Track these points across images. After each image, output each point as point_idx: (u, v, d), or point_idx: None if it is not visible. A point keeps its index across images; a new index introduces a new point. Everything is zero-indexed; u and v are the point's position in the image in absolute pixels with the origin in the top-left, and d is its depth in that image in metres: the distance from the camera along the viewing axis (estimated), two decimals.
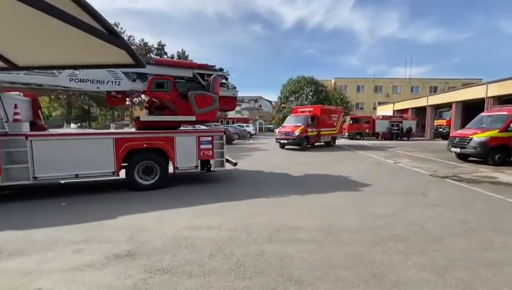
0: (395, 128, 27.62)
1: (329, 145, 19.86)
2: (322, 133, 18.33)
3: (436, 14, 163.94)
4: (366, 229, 4.18)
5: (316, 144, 18.74)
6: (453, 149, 11.74)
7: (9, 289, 2.70)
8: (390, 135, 27.63)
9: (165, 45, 36.96)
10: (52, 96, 29.41)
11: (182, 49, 47.61)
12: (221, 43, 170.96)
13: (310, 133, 17.35)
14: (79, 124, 36.48)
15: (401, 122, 28.47)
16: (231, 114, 71.29)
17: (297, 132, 16.82)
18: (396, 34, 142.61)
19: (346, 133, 29.19)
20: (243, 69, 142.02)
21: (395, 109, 37.43)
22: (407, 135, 27.63)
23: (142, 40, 33.77)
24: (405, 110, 34.93)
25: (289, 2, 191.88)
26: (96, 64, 1.64)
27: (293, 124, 17.66)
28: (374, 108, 46.17)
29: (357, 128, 29.23)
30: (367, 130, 29.24)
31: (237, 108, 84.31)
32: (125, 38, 28.83)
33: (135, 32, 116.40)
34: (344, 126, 31.13)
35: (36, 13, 1.06)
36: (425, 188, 6.89)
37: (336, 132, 20.18)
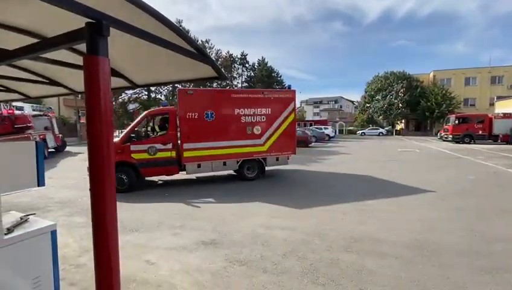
0: None
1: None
2: (197, 153, 7.46)
3: None
4: (473, 252, 3.43)
5: (198, 175, 8.48)
6: None
7: (127, 257, 3.48)
8: None
9: (247, 55, 39.90)
10: None
11: (262, 57, 50.13)
12: (300, 45, 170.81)
13: (137, 156, 7.02)
14: None
15: None
16: (309, 116, 70.57)
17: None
18: None
19: (450, 136, 24.35)
20: (323, 70, 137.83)
21: None
22: None
23: (228, 52, 37.47)
24: None
25: None
26: (191, 79, 1.99)
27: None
28: (491, 104, 36.74)
29: (466, 129, 23.93)
30: (480, 132, 23.59)
31: (315, 110, 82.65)
32: (214, 52, 32.75)
33: (222, 46, 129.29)
34: (447, 127, 26.11)
35: (149, 44, 1.39)
36: None
37: (265, 147, 8.20)
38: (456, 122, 24.43)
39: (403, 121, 44.27)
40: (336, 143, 25.92)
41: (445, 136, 25.47)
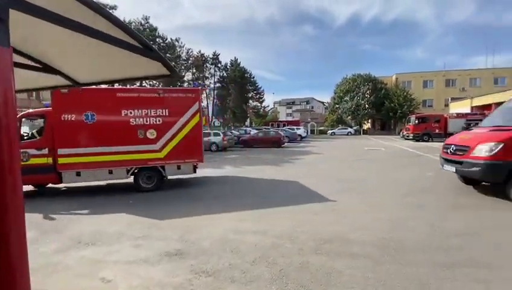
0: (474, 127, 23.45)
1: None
2: (75, 160, 6.73)
3: None
4: (434, 248, 3.58)
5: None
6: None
7: (80, 275, 3.12)
8: None
9: (219, 54, 39.34)
10: None
11: (235, 57, 49.90)
12: (272, 47, 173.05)
13: None
14: None
15: (481, 120, 24.10)
16: (282, 117, 71.69)
17: None
18: (471, 18, 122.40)
19: (411, 135, 26.15)
20: (294, 71, 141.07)
21: (473, 105, 31.90)
22: None
23: (199, 51, 36.62)
24: (487, 107, 29.46)
25: None
26: (141, 77, 1.77)
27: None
28: (446, 105, 40.20)
29: (424, 128, 25.89)
30: (437, 130, 25.64)
31: (288, 110, 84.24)
32: (185, 50, 31.88)
33: (194, 45, 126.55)
34: (408, 126, 28.02)
35: (87, 39, 1.17)
36: None
37: (162, 154, 7.25)
38: (416, 122, 26.34)
39: (370, 121, 46.77)
40: (307, 143, 26.52)
41: (407, 134, 27.33)
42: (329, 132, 45.36)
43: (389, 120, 43.87)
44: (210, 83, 39.78)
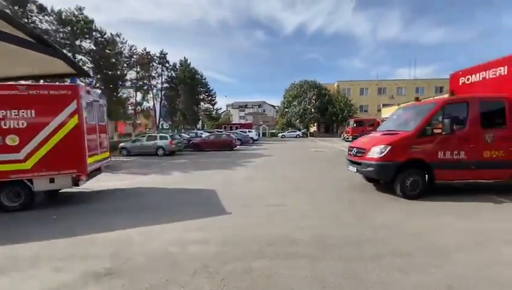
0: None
1: None
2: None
3: (439, 13, 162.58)
4: (364, 241, 3.91)
5: None
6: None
7: None
8: None
9: (167, 54, 37.31)
10: None
11: (184, 57, 48.22)
12: (224, 49, 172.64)
13: None
14: None
15: None
16: (235, 120, 71.80)
17: None
18: (398, 35, 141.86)
19: (350, 137, 28.86)
20: (247, 75, 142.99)
21: None
22: None
23: (145, 49, 34.18)
24: None
25: (289, 7, 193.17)
26: (40, 75, 1.50)
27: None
28: (379, 110, 45.59)
29: (361, 130, 28.78)
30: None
31: (241, 113, 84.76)
32: (127, 47, 29.40)
33: (141, 43, 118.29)
34: (348, 129, 30.85)
35: None
36: None
37: (29, 165, 5.92)
38: (354, 125, 29.26)
39: (315, 124, 50.19)
40: (259, 146, 27.04)
41: (347, 137, 30.11)
42: (280, 134, 47.24)
43: (332, 123, 47.84)
44: (157, 83, 37.48)
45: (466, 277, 2.94)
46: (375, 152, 6.22)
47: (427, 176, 6.15)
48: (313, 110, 45.43)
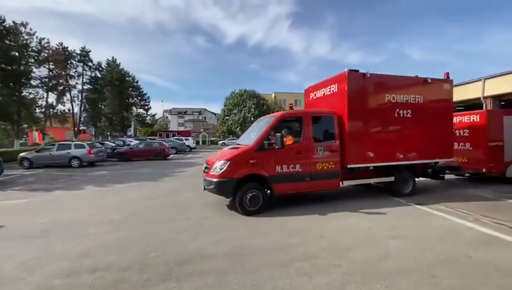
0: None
1: None
2: None
3: (358, 39, 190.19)
4: (278, 249, 3.97)
5: None
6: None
7: None
8: None
9: (90, 51, 32.88)
10: None
11: (113, 57, 43.72)
12: (162, 52, 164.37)
13: None
14: None
15: None
16: (173, 127, 68.21)
17: None
18: (328, 54, 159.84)
19: None
20: (187, 80, 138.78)
21: None
22: None
23: (61, 43, 29.52)
24: None
25: (230, 17, 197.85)
26: None
27: None
28: None
29: None
30: None
31: (180, 120, 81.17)
32: (34, 40, 24.83)
33: (63, 36, 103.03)
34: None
35: None
36: None
37: None
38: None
39: None
40: (196, 154, 26.17)
41: None
42: (220, 142, 46.85)
43: None
44: (77, 83, 32.74)
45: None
46: (217, 168, 5.78)
47: (268, 191, 6.01)
48: (252, 118, 46.67)
